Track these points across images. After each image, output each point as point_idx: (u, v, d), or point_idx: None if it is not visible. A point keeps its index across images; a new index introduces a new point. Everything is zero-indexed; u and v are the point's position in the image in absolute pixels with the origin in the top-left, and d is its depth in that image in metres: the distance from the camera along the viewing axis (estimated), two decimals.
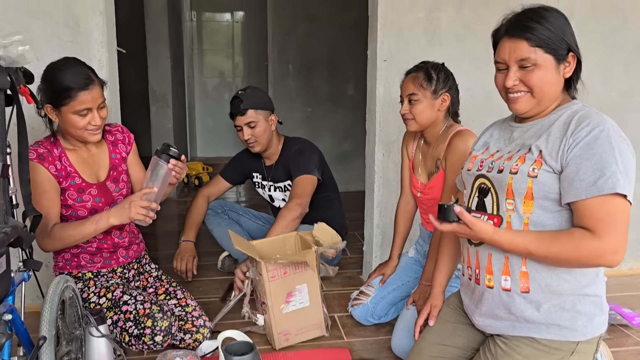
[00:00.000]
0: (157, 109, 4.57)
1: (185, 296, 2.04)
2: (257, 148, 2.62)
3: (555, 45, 1.30)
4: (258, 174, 2.82)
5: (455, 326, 1.56)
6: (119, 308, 1.80)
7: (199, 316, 1.98)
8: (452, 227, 1.33)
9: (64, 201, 1.84)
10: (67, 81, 1.70)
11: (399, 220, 2.25)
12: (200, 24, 6.64)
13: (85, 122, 1.76)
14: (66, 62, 1.76)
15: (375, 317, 2.18)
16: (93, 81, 1.75)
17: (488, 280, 1.38)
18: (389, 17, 2.42)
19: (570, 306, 1.32)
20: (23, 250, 1.42)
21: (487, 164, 1.42)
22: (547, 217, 1.30)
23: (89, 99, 1.73)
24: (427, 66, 1.97)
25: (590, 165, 1.21)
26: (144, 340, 1.74)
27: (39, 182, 1.76)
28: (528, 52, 1.30)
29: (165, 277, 2.12)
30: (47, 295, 1.43)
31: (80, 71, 1.73)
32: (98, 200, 1.88)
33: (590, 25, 2.60)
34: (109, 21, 2.24)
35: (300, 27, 4.62)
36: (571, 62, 1.33)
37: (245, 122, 2.55)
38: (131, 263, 2.06)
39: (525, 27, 1.31)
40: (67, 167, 1.84)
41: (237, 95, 2.57)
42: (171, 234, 3.65)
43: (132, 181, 2.04)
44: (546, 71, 1.31)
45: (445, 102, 1.97)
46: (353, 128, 4.66)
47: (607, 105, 2.59)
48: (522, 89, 1.34)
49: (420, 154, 2.12)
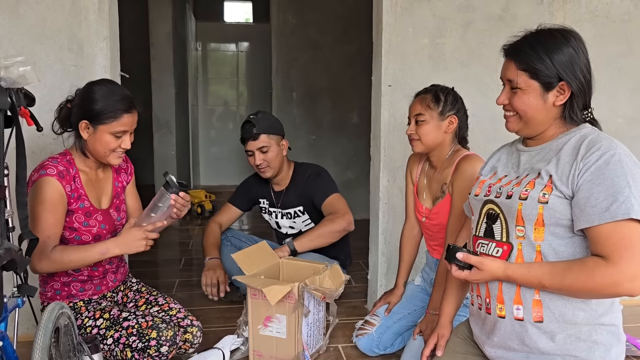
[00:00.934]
0: (160, 135, 4.59)
1: (168, 301, 2.00)
2: (268, 173, 2.60)
3: (543, 73, 1.28)
4: (265, 200, 2.79)
5: (465, 357, 1.50)
6: (119, 325, 1.75)
7: (185, 317, 1.94)
8: (464, 275, 1.32)
9: (69, 223, 1.79)
10: (114, 101, 1.74)
11: (404, 247, 2.21)
12: (205, 54, 6.73)
13: (117, 144, 1.78)
14: (111, 83, 1.83)
15: (381, 347, 2.11)
16: (135, 106, 1.79)
17: (499, 310, 1.33)
18: (393, 43, 2.42)
19: (587, 336, 1.26)
20: (17, 275, 1.38)
21: (495, 189, 1.39)
22: (560, 244, 1.26)
23: (129, 122, 1.77)
24: (436, 88, 1.96)
25: (603, 190, 1.18)
26: (150, 353, 1.68)
27: (53, 199, 1.73)
28: (513, 75, 1.32)
29: (145, 289, 2.08)
30: (41, 322, 1.38)
31: (125, 93, 1.78)
32: (103, 227, 1.84)
33: (595, 51, 2.54)
34: (113, 46, 2.24)
35: (304, 56, 4.67)
36: (565, 91, 1.30)
37: (258, 147, 2.53)
38: (118, 286, 2.02)
39: (518, 50, 1.33)
40: (79, 189, 1.82)
41: (249, 120, 2.56)
42: (172, 262, 3.60)
43: (128, 211, 2.02)
44: (529, 96, 1.31)
45: (453, 125, 1.94)
46: (357, 156, 4.65)
47: (614, 132, 2.54)
48: (510, 109, 1.36)
49: (425, 178, 2.09)
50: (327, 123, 4.77)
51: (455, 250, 1.32)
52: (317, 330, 2.12)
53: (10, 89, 1.38)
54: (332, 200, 2.57)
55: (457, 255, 1.31)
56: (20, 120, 1.42)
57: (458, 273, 1.33)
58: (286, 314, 1.97)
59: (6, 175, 1.39)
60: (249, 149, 2.57)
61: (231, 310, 2.64)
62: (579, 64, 1.29)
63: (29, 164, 1.74)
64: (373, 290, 2.67)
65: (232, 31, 6.84)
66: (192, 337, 1.91)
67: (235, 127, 6.92)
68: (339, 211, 2.52)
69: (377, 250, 2.59)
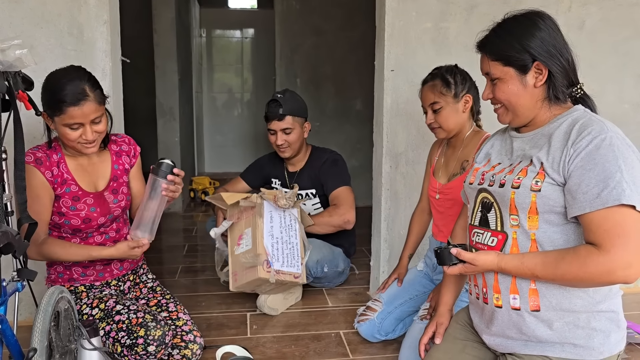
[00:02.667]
0: (164, 122, 4.58)
1: (178, 310, 1.98)
2: (287, 154, 2.63)
3: (514, 57, 1.27)
4: (277, 180, 2.80)
5: (465, 344, 1.49)
6: (111, 318, 1.74)
7: (189, 331, 1.90)
8: (458, 269, 1.32)
9: (57, 208, 1.80)
10: (60, 94, 1.65)
11: (414, 223, 2.22)
12: (209, 40, 6.69)
13: (77, 136, 1.71)
14: (65, 74, 1.71)
15: (382, 333, 2.11)
16: (87, 97, 1.67)
17: (496, 299, 1.32)
18: (396, 27, 2.39)
19: (585, 323, 1.24)
20: (16, 259, 1.38)
21: (488, 177, 1.37)
22: (555, 231, 1.24)
23: (79, 115, 1.67)
24: (442, 71, 1.94)
25: (593, 176, 1.15)
26: (137, 351, 1.68)
27: (32, 187, 1.72)
28: (488, 67, 1.32)
29: (160, 289, 2.07)
30: (41, 305, 1.39)
31: (76, 85, 1.66)
32: (93, 210, 1.84)
33: (601, 36, 2.56)
34: (114, 30, 2.23)
35: (307, 42, 4.64)
36: (542, 70, 1.27)
37: (282, 128, 2.55)
38: (126, 275, 2.00)
39: (486, 42, 1.32)
40: (64, 174, 1.81)
41: (276, 99, 2.55)
42: (176, 248, 3.61)
43: (132, 194, 2.00)
44: (508, 84, 1.29)
45: (469, 103, 1.93)
46: (360, 143, 4.63)
47: (620, 117, 2.53)
48: (496, 102, 1.35)
49: (442, 158, 2.07)
50: (331, 110, 4.75)
51: (446, 251, 1.32)
52: (289, 253, 2.26)
53: (7, 73, 1.37)
54: (340, 192, 2.58)
55: (451, 251, 1.30)
56: (19, 104, 1.42)
57: (452, 269, 1.33)
58: (250, 226, 2.25)
59: (4, 159, 1.38)
60: (272, 128, 2.57)
61: (233, 296, 2.64)
62: (550, 41, 1.27)
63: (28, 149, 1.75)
64: (375, 276, 2.66)
65: (236, 17, 6.79)
66: (190, 354, 1.86)
67: (240, 114, 6.90)
68: (342, 207, 2.54)
69: (380, 237, 2.58)
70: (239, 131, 6.87)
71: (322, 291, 2.74)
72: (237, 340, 2.14)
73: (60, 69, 1.74)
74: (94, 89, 1.71)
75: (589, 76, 2.53)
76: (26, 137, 1.46)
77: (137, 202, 1.99)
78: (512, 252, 1.28)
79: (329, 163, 2.66)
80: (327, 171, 2.63)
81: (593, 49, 2.55)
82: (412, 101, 2.44)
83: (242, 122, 6.88)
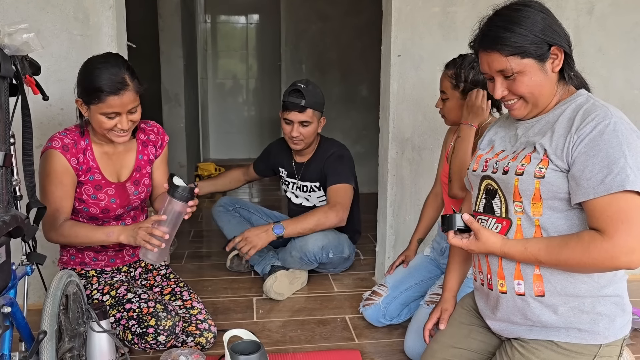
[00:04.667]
0: (169, 108, 4.57)
1: (192, 298, 1.99)
2: (299, 146, 2.58)
3: (532, 47, 1.23)
4: (284, 170, 2.78)
5: (470, 329, 1.50)
6: (122, 306, 1.76)
7: (204, 320, 1.92)
8: (462, 242, 1.31)
9: (78, 194, 1.80)
10: (99, 82, 1.64)
11: (427, 207, 2.22)
12: (214, 26, 6.65)
13: (112, 124, 1.71)
14: (105, 61, 1.70)
15: (387, 317, 2.12)
16: (126, 86, 1.67)
17: (500, 285, 1.32)
18: (403, 12, 2.37)
19: (590, 308, 1.25)
20: (25, 243, 1.39)
21: (491, 164, 1.36)
22: (559, 217, 1.23)
23: (118, 104, 1.67)
24: (460, 64, 1.90)
25: (597, 162, 1.14)
26: (147, 340, 1.70)
27: (57, 172, 1.73)
28: (504, 64, 1.25)
29: (173, 277, 2.08)
30: (50, 289, 1.40)
31: (115, 73, 1.65)
32: (113, 201, 1.84)
33: (611, 21, 2.53)
34: (119, 15, 2.22)
35: (313, 28, 4.60)
36: (558, 55, 1.25)
37: (300, 120, 2.48)
38: (138, 261, 2.02)
39: (496, 38, 1.25)
40: (89, 162, 1.81)
41: (300, 89, 2.47)
42: (182, 233, 3.62)
43: (154, 184, 1.98)
44: (531, 75, 1.25)
45: None
46: (366, 129, 4.62)
47: (630, 103, 2.51)
48: (512, 97, 1.30)
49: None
50: (336, 96, 4.72)
51: (456, 216, 1.31)
52: None
53: (14, 57, 1.36)
54: (338, 189, 2.51)
55: (462, 217, 1.30)
56: (26, 89, 1.42)
57: (456, 240, 1.32)
58: None
59: (12, 143, 1.38)
60: (290, 119, 2.50)
61: (238, 281, 2.67)
62: (554, 23, 1.26)
63: (37, 135, 1.75)
64: (381, 262, 2.67)
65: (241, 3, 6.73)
66: (205, 342, 1.88)
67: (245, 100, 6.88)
68: (337, 205, 2.46)
69: (385, 222, 2.58)
70: (244, 117, 6.85)
71: (328, 276, 2.75)
72: (244, 324, 2.16)
73: (99, 56, 1.74)
74: (132, 78, 1.70)
75: (599, 61, 2.53)
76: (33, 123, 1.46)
77: (157, 192, 1.99)
78: (517, 238, 1.28)
79: (334, 157, 2.60)
80: (330, 165, 2.58)
81: (603, 34, 2.52)
82: (418, 86, 2.43)
83: (248, 109, 6.86)
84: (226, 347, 1.60)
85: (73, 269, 1.89)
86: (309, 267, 2.59)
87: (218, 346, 1.95)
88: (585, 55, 2.45)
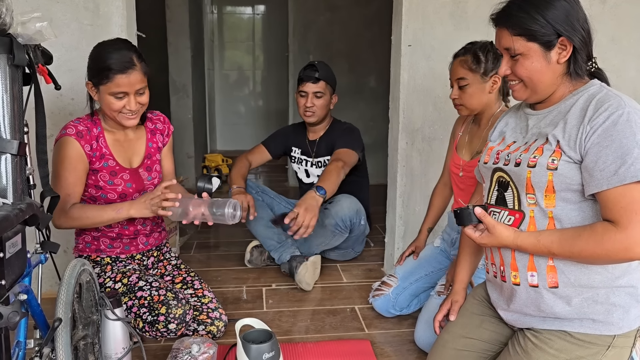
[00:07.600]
0: (177, 99, 4.57)
1: (203, 287, 2.01)
2: (312, 119, 2.68)
3: (539, 33, 1.22)
4: (298, 149, 2.85)
5: (482, 319, 1.50)
6: (133, 294, 1.78)
7: (215, 308, 1.94)
8: (475, 235, 1.31)
9: (95, 182, 1.84)
10: (108, 62, 1.70)
11: (435, 196, 2.22)
12: (221, 17, 6.63)
13: (121, 105, 1.76)
14: (113, 43, 1.77)
15: (397, 308, 2.12)
16: (134, 66, 1.73)
17: (514, 277, 1.32)
18: (414, 1, 2.35)
19: (604, 299, 1.24)
20: (40, 231, 1.40)
21: (503, 156, 1.35)
22: (572, 208, 1.23)
23: (126, 83, 1.72)
24: (475, 47, 1.88)
25: (610, 153, 1.13)
26: (158, 327, 1.71)
27: (71, 158, 1.77)
28: (509, 42, 1.26)
29: (184, 266, 2.09)
30: (64, 278, 1.40)
31: (123, 54, 1.72)
32: (129, 186, 1.87)
33: (624, 10, 2.50)
34: (129, 5, 2.21)
35: (321, 18, 4.57)
36: (567, 46, 1.23)
37: (314, 91, 2.62)
38: (151, 250, 2.03)
39: (508, 16, 1.26)
40: (102, 149, 1.84)
41: (313, 64, 2.65)
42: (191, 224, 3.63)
43: (163, 173, 2.04)
44: (532, 60, 1.24)
45: (497, 84, 1.87)
46: (374, 120, 4.60)
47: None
48: (514, 78, 1.30)
49: (467, 135, 2.04)
50: (344, 87, 4.68)
51: (468, 211, 1.30)
52: None
53: (27, 46, 1.36)
54: (342, 150, 2.57)
55: (475, 210, 1.29)
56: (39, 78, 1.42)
57: (471, 232, 1.32)
58: None
59: (26, 132, 1.39)
60: (305, 90, 2.64)
61: (247, 271, 2.68)
62: (574, 15, 1.23)
63: (48, 125, 1.75)
64: (390, 253, 2.67)
65: None
66: (216, 331, 1.91)
67: (252, 92, 6.87)
68: (338, 159, 2.50)
69: (395, 213, 2.58)
70: (251, 109, 6.85)
71: (337, 267, 2.76)
72: (254, 314, 2.17)
73: (107, 40, 1.80)
74: (140, 60, 1.76)
75: (611, 51, 2.51)
76: None
77: (167, 180, 2.00)
78: (530, 230, 1.27)
79: (345, 130, 2.72)
80: (341, 135, 2.68)
81: (616, 23, 2.49)
82: (429, 77, 2.41)
83: (254, 100, 6.86)
84: (238, 336, 1.61)
85: (88, 256, 1.92)
86: (338, 238, 2.60)
87: (228, 335, 1.97)
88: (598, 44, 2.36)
